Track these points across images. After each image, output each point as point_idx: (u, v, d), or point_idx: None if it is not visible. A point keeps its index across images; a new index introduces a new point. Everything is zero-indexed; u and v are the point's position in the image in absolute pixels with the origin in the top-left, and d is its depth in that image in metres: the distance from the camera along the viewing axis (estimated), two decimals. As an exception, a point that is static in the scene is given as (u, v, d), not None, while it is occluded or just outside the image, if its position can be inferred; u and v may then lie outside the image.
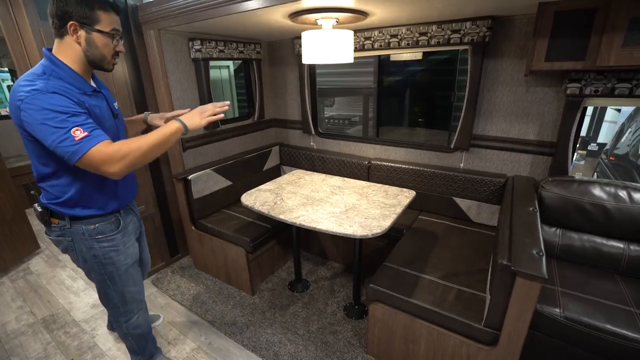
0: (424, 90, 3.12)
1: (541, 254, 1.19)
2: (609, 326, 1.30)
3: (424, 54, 2.71)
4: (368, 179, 2.48)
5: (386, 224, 1.57)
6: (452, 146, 2.16)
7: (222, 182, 2.46)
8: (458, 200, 2.19)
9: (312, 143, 2.86)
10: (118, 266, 1.33)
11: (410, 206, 2.35)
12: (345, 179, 2.22)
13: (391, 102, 3.27)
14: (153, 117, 1.56)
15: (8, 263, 2.66)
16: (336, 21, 1.70)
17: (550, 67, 1.58)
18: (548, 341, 1.43)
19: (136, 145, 1.09)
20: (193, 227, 2.36)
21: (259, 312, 2.08)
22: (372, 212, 1.71)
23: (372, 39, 2.15)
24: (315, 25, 1.81)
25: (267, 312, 2.07)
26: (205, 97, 2.29)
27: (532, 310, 1.19)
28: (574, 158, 4.91)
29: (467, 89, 1.97)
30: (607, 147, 4.43)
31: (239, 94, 3.42)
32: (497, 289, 1.26)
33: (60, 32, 1.07)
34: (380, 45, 2.14)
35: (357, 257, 1.92)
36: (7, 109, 3.96)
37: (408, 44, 2.05)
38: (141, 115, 1.59)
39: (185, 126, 1.19)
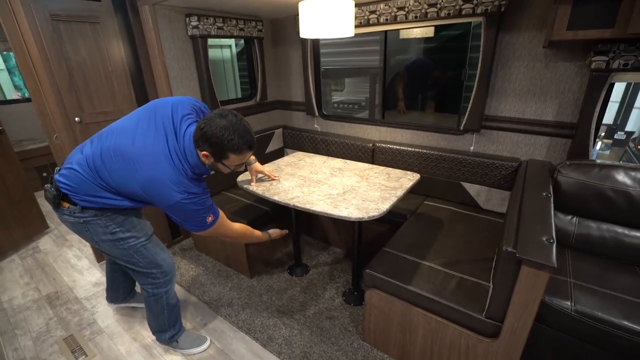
0: (434, 69, 2.94)
1: (552, 241, 1.08)
2: (625, 322, 1.18)
3: (435, 30, 2.54)
4: (372, 162, 2.38)
5: (384, 207, 1.48)
6: (461, 128, 2.03)
7: (223, 164, 2.41)
8: (467, 185, 2.07)
9: (316, 125, 2.77)
10: (139, 237, 1.37)
11: (416, 191, 2.25)
12: (346, 161, 2.12)
13: (398, 83, 3.11)
14: (254, 167, 1.80)
15: (19, 242, 2.72)
16: (336, -11, 1.57)
17: (573, 36, 1.41)
18: (556, 336, 1.33)
19: (247, 239, 1.67)
20: (193, 209, 2.33)
21: (256, 295, 2.04)
22: (371, 194, 1.62)
23: (377, 12, 2.02)
24: (314, -5, 1.69)
25: (264, 295, 2.04)
26: (204, 76, 2.23)
27: (538, 301, 1.08)
28: (598, 147, 4.58)
29: (480, 65, 1.82)
30: (636, 134, 4.13)
31: (241, 76, 3.33)
32: (501, 277, 1.16)
33: (194, 143, 1.17)
34: (387, 19, 2.00)
35: (356, 241, 1.84)
36: (19, 93, 4.03)
37: (416, 17, 1.90)
38: (250, 158, 1.71)
39: (270, 238, 1.75)
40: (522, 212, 1.29)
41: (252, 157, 1.80)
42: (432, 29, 2.58)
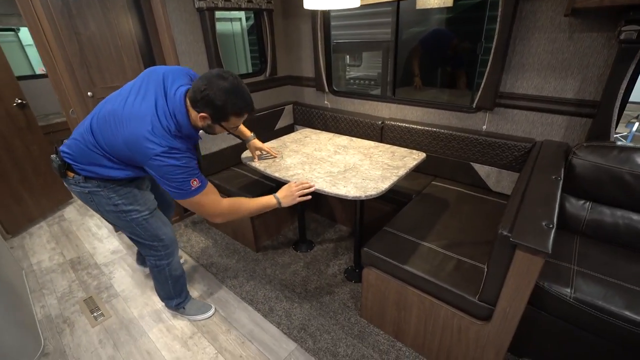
0: (449, 42, 2.75)
1: (551, 226, 1.03)
2: (627, 312, 1.13)
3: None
4: (381, 140, 2.33)
5: (383, 186, 1.46)
6: (474, 106, 1.93)
7: (231, 140, 2.44)
8: (477, 166, 1.99)
9: (326, 102, 2.71)
10: (141, 211, 1.40)
11: (425, 171, 2.20)
12: (352, 138, 2.08)
13: (412, 58, 2.95)
14: (252, 144, 1.81)
15: (46, 210, 2.92)
16: (340, -45, 1.49)
17: (600, 3, 1.28)
18: (554, 322, 1.30)
19: (240, 213, 1.39)
20: (202, 184, 2.39)
21: (261, 268, 2.11)
22: (371, 173, 1.59)
23: (389, -21, 1.90)
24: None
25: (268, 268, 2.10)
26: (212, 50, 2.21)
27: (531, 287, 1.06)
28: (635, 128, 4.22)
29: (496, 37, 1.70)
30: (679, 114, 3.78)
31: (252, 50, 3.27)
32: (494, 261, 1.13)
33: (191, 104, 1.17)
34: (399, -13, 1.89)
35: (358, 219, 1.84)
36: (43, 68, 4.17)
37: (430, -16, 1.78)
38: (248, 135, 1.80)
39: (279, 203, 1.43)
40: (525, 194, 1.23)
41: (251, 134, 1.80)
42: (452, -3, 2.40)
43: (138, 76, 1.28)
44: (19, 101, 2.58)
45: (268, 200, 1.44)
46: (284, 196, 1.44)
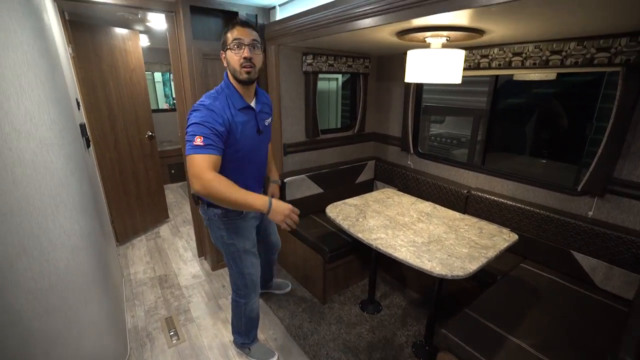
0: (551, 117, 2.58)
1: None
2: None
3: (559, 74, 2.26)
4: (465, 211, 2.23)
5: (472, 267, 1.38)
6: (579, 188, 1.76)
7: (314, 189, 2.58)
8: (579, 256, 1.77)
9: (409, 162, 2.74)
10: (238, 247, 1.56)
11: (513, 250, 2.02)
12: (436, 206, 2.04)
13: (505, 127, 2.83)
14: (273, 187, 1.86)
15: (148, 225, 3.37)
16: (447, 39, 1.58)
17: None
18: None
19: (221, 191, 1.19)
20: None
21: (326, 323, 2.10)
22: (458, 250, 1.53)
23: (489, 57, 1.93)
24: (423, 42, 1.72)
25: (333, 325, 2.08)
26: (310, 108, 2.44)
27: None
28: None
29: (612, 120, 1.57)
30: None
31: (344, 105, 3.51)
32: (610, 387, 0.97)
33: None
34: (499, 64, 1.90)
35: (435, 295, 1.75)
36: (168, 104, 5.05)
37: (534, 64, 1.76)
38: (275, 177, 1.89)
39: (269, 210, 1.23)
40: (652, 311, 1.06)
41: (277, 178, 1.89)
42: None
43: None
44: (150, 133, 3.13)
45: (259, 199, 1.23)
46: (277, 210, 1.24)
